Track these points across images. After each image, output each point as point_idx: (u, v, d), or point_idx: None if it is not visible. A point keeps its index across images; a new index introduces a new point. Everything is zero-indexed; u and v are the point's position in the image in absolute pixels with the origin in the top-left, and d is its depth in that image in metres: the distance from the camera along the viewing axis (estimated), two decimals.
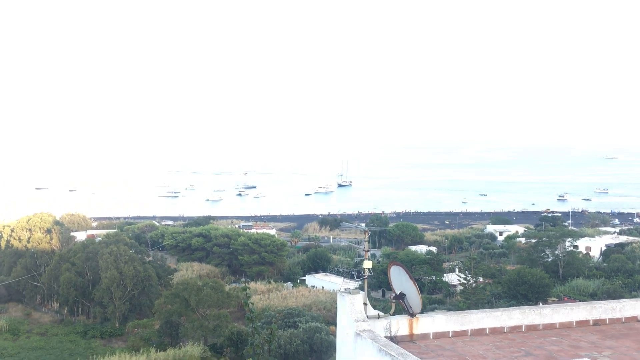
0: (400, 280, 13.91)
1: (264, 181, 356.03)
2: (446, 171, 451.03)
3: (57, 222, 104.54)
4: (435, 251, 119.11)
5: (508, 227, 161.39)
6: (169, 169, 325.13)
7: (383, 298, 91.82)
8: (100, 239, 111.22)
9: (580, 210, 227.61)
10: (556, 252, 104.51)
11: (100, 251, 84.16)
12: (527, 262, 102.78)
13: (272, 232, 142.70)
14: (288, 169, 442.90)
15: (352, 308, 13.45)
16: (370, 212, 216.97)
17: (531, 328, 14.39)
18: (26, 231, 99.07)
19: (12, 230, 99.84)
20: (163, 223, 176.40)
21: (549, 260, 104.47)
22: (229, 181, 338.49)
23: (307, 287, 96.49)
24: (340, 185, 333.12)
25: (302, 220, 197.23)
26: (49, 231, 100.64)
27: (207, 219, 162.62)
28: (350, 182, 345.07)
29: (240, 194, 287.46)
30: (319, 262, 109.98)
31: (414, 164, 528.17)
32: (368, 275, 14.83)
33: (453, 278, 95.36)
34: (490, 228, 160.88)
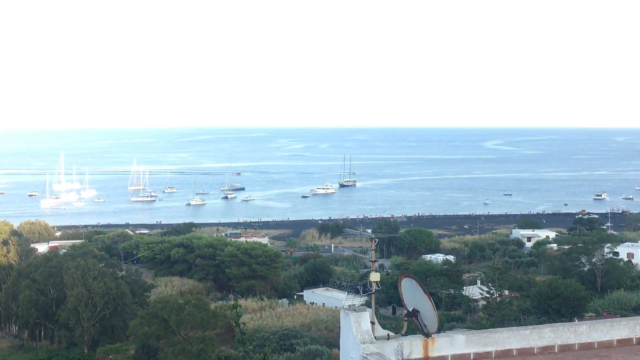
0: (413, 294, 13.90)
1: (255, 181, 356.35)
2: (465, 167, 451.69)
3: (14, 232, 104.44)
4: (453, 260, 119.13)
5: (537, 231, 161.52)
6: (144, 168, 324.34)
7: (393, 316, 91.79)
8: (65, 251, 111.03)
9: (620, 212, 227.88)
10: (593, 260, 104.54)
11: (65, 265, 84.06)
12: (560, 272, 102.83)
13: (264, 240, 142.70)
14: (283, 168, 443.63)
15: (357, 328, 13.44)
16: (377, 217, 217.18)
17: (565, 348, 14.39)
18: None
19: None
20: (138, 232, 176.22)
21: (585, 269, 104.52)
22: (213, 182, 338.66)
23: (305, 303, 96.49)
24: (342, 186, 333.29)
25: (298, 226, 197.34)
26: (5, 242, 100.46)
27: (189, 227, 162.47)
28: (354, 181, 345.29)
29: (226, 197, 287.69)
30: (319, 275, 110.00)
31: (427, 160, 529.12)
32: (376, 290, 14.82)
33: (474, 291, 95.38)
34: (517, 233, 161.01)
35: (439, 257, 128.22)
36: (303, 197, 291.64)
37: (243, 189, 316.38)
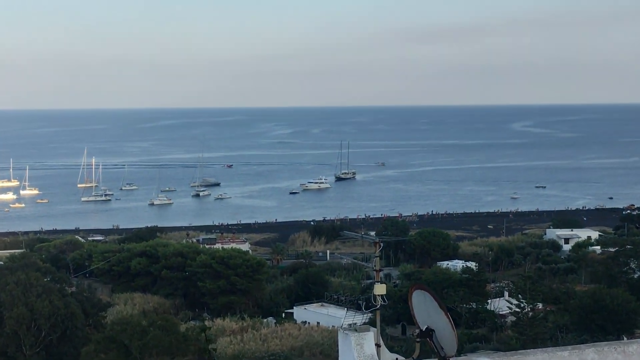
0: (426, 310, 13.95)
1: (233, 175, 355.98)
2: (488, 155, 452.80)
3: None
4: (475, 268, 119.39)
5: (576, 231, 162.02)
6: (97, 161, 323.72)
7: (403, 336, 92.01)
8: (1, 263, 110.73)
9: None
10: None
11: (1, 281, 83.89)
12: (605, 281, 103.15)
13: (245, 247, 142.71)
14: (267, 158, 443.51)
15: (359, 351, 13.50)
16: (382, 216, 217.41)
17: None
18: None
19: None
20: (90, 238, 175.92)
21: (636, 276, 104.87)
22: (182, 177, 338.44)
23: (295, 323, 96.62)
24: (339, 179, 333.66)
25: (286, 229, 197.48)
26: None
27: (153, 232, 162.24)
28: (354, 173, 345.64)
29: (197, 195, 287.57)
30: (312, 288, 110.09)
31: (442, 146, 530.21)
32: (381, 305, 14.86)
33: (501, 305, 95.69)
34: (552, 234, 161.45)
35: (457, 264, 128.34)
36: (291, 193, 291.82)
37: (218, 184, 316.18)
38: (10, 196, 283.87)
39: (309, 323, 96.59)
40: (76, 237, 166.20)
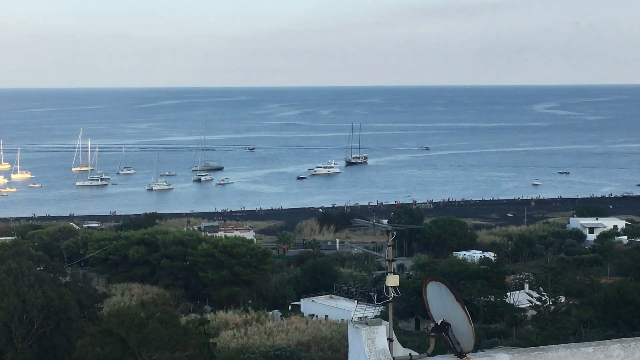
0: (442, 303, 13.93)
1: (236, 159, 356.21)
2: (508, 138, 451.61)
3: None
4: (493, 259, 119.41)
5: (602, 220, 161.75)
6: (93, 143, 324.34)
7: (417, 330, 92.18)
8: None
9: None
10: None
11: None
12: (632, 273, 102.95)
13: (249, 235, 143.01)
14: (273, 141, 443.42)
15: (371, 346, 13.50)
16: (395, 203, 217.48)
17: None
18: None
19: None
20: (85, 225, 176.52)
21: None
22: (182, 161, 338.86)
23: (302, 316, 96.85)
24: (349, 164, 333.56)
25: (293, 216, 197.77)
26: None
27: (152, 218, 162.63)
28: (365, 157, 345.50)
29: (199, 180, 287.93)
30: (320, 279, 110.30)
31: (460, 129, 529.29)
32: (394, 298, 14.84)
33: (521, 298, 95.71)
34: (576, 223, 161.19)
35: (475, 255, 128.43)
36: (299, 178, 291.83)
37: (221, 168, 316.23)
38: (0, 180, 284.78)
39: (316, 316, 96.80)
40: (70, 224, 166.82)
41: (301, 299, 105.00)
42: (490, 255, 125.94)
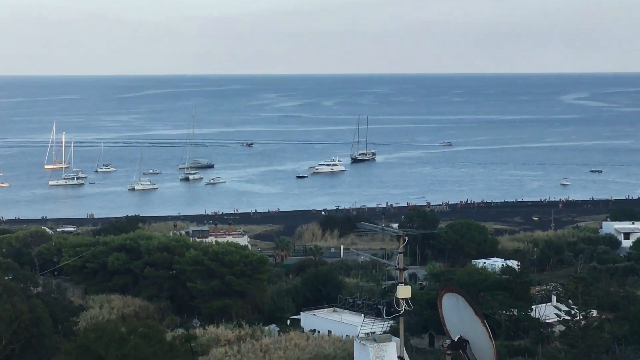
0: (459, 317, 13.82)
1: (229, 156, 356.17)
2: (534, 132, 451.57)
3: None
4: (517, 268, 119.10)
5: (638, 225, 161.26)
6: (68, 137, 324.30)
7: (431, 347, 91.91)
8: None
9: None
10: None
11: None
12: None
13: (243, 241, 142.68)
14: (270, 136, 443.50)
15: None
16: (407, 205, 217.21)
17: None
18: None
19: None
20: (60, 229, 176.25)
21: None
22: (168, 157, 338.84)
23: (302, 331, 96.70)
24: (355, 161, 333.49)
25: (292, 220, 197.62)
26: None
27: (134, 222, 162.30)
28: (373, 154, 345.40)
29: (187, 178, 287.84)
30: (323, 290, 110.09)
31: (479, 122, 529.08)
32: (405, 311, 14.71)
33: (548, 312, 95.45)
34: (610, 227, 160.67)
35: (496, 263, 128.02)
36: (299, 177, 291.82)
37: (211, 166, 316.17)
38: None
39: (318, 332, 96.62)
40: (43, 228, 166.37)
41: (301, 313, 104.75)
42: (513, 263, 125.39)
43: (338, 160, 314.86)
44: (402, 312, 14.80)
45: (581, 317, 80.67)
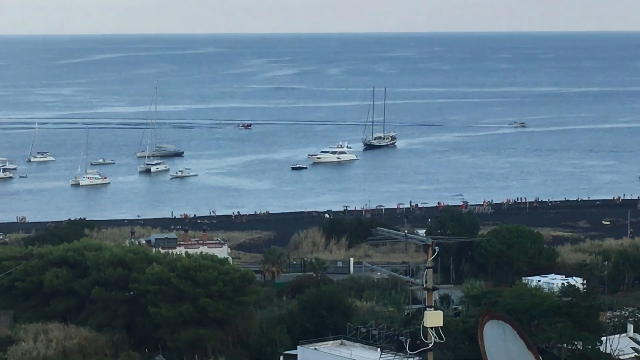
0: (506, 351, 13.93)
1: (203, 140, 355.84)
2: (603, 109, 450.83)
3: None
4: (582, 287, 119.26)
5: None
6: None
7: None
8: None
9: None
10: None
11: None
12: None
13: (223, 252, 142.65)
14: (257, 114, 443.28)
15: None
16: (438, 205, 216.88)
17: None
18: None
19: None
20: None
21: None
22: (123, 142, 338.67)
23: None
24: (369, 147, 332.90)
25: (287, 225, 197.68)
26: None
27: (79, 228, 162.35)
28: (393, 138, 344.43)
29: (148, 170, 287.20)
30: (327, 318, 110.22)
31: (531, 96, 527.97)
32: (435, 344, 14.80)
33: (622, 345, 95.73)
34: None
35: (554, 281, 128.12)
36: (295, 168, 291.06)
37: (180, 154, 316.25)
38: None
39: None
40: None
41: (298, 347, 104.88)
42: (577, 282, 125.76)
43: (347, 147, 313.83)
44: (430, 345, 14.97)
45: None
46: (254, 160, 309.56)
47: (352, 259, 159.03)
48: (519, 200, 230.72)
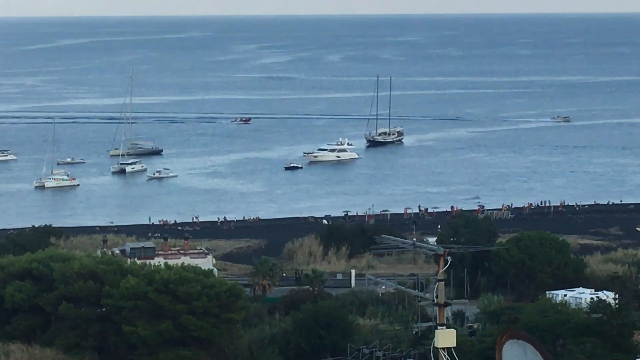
0: None
1: (184, 137, 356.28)
2: (634, 102, 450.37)
3: None
4: (613, 302, 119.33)
5: None
6: None
7: None
8: None
9: None
10: None
11: None
12: None
13: (207, 263, 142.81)
14: (246, 106, 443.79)
15: None
16: (451, 210, 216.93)
17: None
18: None
19: None
20: None
21: None
22: (95, 139, 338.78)
23: None
24: (373, 144, 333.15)
25: (279, 232, 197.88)
26: None
27: (44, 235, 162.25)
28: (399, 133, 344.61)
29: (122, 170, 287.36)
30: (325, 337, 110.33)
31: (555, 86, 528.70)
32: None
33: None
34: None
35: (583, 296, 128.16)
36: (289, 168, 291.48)
37: (159, 152, 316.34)
38: None
39: None
40: None
41: None
42: (609, 296, 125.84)
43: (347, 144, 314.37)
44: None
45: None
46: (242, 159, 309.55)
47: (353, 271, 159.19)
48: (543, 204, 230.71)
